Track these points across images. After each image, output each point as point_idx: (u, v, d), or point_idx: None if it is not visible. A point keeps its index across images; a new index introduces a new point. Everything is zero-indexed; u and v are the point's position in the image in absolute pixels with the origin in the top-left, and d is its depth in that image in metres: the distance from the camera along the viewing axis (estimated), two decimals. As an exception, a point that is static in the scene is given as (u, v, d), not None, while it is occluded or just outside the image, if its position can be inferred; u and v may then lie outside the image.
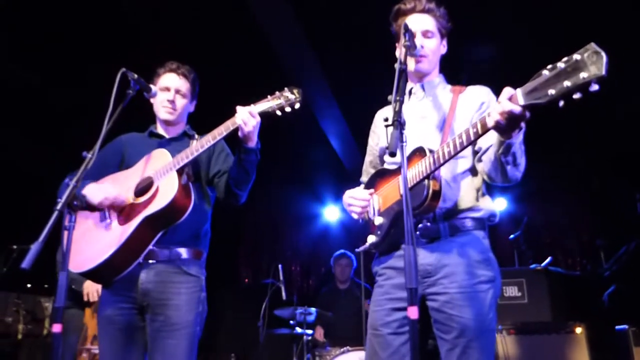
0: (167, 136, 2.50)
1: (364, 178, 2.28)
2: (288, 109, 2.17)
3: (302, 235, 8.27)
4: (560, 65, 1.34)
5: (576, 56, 1.31)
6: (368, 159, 2.29)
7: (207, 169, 2.45)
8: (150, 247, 2.20)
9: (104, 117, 2.01)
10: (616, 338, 4.11)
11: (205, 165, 2.44)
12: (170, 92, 2.45)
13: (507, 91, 1.51)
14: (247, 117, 2.14)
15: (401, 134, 1.52)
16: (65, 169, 2.39)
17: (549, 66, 1.37)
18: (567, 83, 1.31)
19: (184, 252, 2.28)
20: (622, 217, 5.94)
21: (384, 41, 2.20)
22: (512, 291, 4.08)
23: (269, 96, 2.20)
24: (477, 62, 4.59)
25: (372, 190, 1.99)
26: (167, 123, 2.50)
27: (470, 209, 1.90)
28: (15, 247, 4.65)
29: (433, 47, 2.01)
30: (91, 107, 3.13)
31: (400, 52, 1.75)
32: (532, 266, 4.37)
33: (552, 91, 1.34)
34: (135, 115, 2.33)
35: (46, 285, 6.15)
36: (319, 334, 5.05)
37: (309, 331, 4.74)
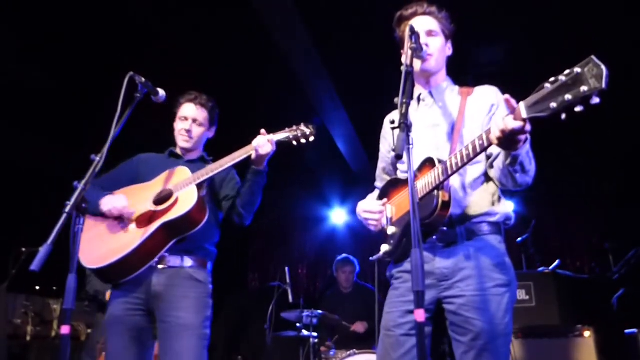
0: (185, 158, 2.69)
1: (378, 184, 2.31)
2: (303, 141, 2.45)
3: (309, 238, 8.27)
4: (562, 78, 1.35)
5: (577, 69, 1.32)
6: (381, 165, 2.31)
7: (219, 193, 2.65)
8: (163, 253, 2.35)
9: (112, 120, 2.04)
10: (625, 342, 4.07)
11: (218, 189, 2.65)
12: (187, 122, 2.64)
13: (507, 103, 1.52)
14: (262, 143, 2.39)
15: (408, 136, 1.52)
16: (73, 171, 2.41)
17: (551, 79, 1.38)
18: (568, 96, 1.32)
19: (192, 260, 2.44)
20: (632, 220, 5.89)
21: (390, 44, 2.21)
22: (520, 294, 4.05)
23: (286, 128, 2.48)
24: (484, 64, 4.58)
25: (384, 201, 2.02)
26: (184, 150, 2.69)
27: (486, 214, 1.91)
28: (24, 249, 4.69)
29: (438, 45, 2.02)
30: (101, 109, 3.15)
31: (406, 55, 1.75)
32: (540, 269, 4.34)
33: (553, 104, 1.36)
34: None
35: (55, 288, 6.19)
36: (358, 327, 4.96)
37: (315, 333, 4.73)
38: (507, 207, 1.98)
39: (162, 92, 2.37)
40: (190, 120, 2.64)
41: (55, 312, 6.18)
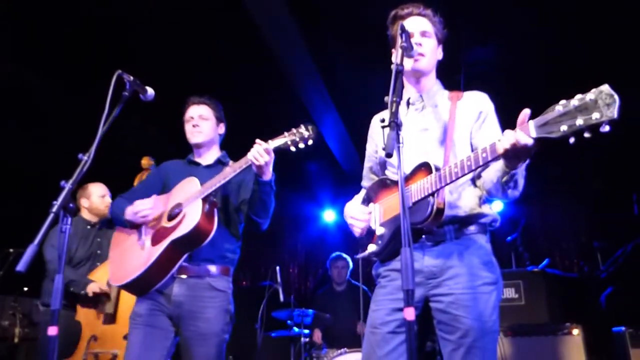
0: (203, 164, 2.70)
1: (365, 183, 2.30)
2: (302, 145, 2.30)
3: (300, 237, 8.26)
4: (574, 102, 1.38)
5: (590, 96, 1.35)
6: (367, 164, 2.30)
7: (237, 197, 2.63)
8: (181, 263, 2.40)
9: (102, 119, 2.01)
10: (613, 340, 4.12)
11: (235, 194, 2.63)
12: (193, 120, 2.69)
13: (523, 116, 1.52)
14: (258, 154, 2.26)
15: (398, 134, 1.51)
16: (61, 170, 2.39)
17: (562, 102, 1.40)
18: (579, 122, 1.36)
19: (213, 268, 2.49)
20: (620, 219, 5.95)
21: (382, 44, 2.21)
22: (509, 293, 4.08)
23: (285, 133, 2.32)
24: (474, 64, 4.59)
25: (370, 208, 2.02)
26: (198, 147, 2.71)
27: (474, 215, 1.93)
28: (11, 250, 4.63)
29: (431, 46, 2.03)
30: (91, 109, 3.13)
31: (396, 53, 1.75)
32: (529, 268, 4.37)
33: (564, 127, 1.39)
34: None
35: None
36: (317, 336, 5.04)
37: (306, 331, 4.74)
38: (494, 208, 2.01)
39: (150, 90, 2.33)
40: (196, 117, 2.69)
41: (43, 314, 6.10)
